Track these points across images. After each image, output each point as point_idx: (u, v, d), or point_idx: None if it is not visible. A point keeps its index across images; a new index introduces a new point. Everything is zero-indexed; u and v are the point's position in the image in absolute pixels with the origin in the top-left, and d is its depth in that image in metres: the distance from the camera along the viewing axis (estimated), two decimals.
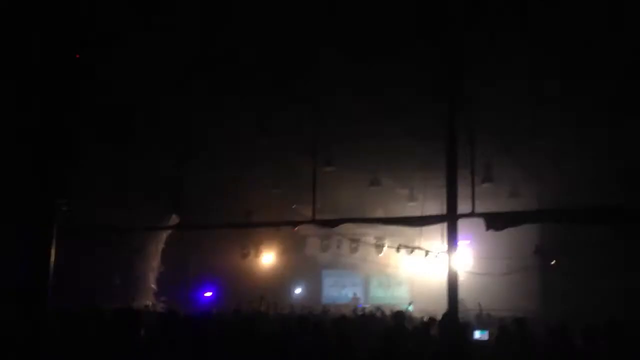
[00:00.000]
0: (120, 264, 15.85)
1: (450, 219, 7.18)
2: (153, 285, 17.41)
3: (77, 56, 7.30)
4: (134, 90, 9.56)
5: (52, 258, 6.68)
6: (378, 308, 15.99)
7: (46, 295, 6.59)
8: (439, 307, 8.73)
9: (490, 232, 8.90)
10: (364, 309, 18.01)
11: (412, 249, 20.89)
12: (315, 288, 24.26)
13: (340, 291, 24.17)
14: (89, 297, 9.78)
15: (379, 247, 21.24)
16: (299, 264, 23.28)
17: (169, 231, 17.09)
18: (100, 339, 5.28)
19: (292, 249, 22.16)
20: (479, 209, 8.97)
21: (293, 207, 14.87)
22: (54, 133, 7.05)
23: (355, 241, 21.00)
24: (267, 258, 22.56)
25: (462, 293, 7.42)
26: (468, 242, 17.85)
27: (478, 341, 9.67)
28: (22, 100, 7.70)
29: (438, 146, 7.82)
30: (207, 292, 17.24)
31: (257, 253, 21.78)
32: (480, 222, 8.89)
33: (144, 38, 8.11)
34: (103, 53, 8.05)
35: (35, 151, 7.07)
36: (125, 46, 8.25)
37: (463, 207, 7.66)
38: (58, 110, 7.02)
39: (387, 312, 13.47)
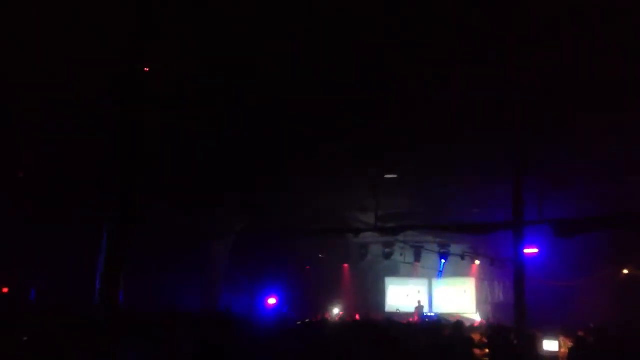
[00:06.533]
0: (194, 266, 16.22)
1: (516, 226, 6.99)
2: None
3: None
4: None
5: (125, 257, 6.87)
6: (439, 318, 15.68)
7: (118, 293, 6.79)
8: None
9: None
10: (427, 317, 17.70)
11: (476, 256, 20.54)
12: (378, 296, 24.05)
13: (403, 299, 23.80)
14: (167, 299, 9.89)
15: (443, 254, 20.91)
16: (361, 272, 23.19)
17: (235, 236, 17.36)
18: (185, 339, 5.34)
19: (354, 256, 22.08)
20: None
21: None
22: (135, 135, 7.23)
23: (418, 248, 20.74)
24: (330, 265, 22.53)
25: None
26: (536, 250, 17.23)
27: (549, 352, 9.29)
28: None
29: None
30: (270, 298, 17.17)
31: (319, 260, 21.78)
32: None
33: None
34: None
35: (115, 152, 7.24)
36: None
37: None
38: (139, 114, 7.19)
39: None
